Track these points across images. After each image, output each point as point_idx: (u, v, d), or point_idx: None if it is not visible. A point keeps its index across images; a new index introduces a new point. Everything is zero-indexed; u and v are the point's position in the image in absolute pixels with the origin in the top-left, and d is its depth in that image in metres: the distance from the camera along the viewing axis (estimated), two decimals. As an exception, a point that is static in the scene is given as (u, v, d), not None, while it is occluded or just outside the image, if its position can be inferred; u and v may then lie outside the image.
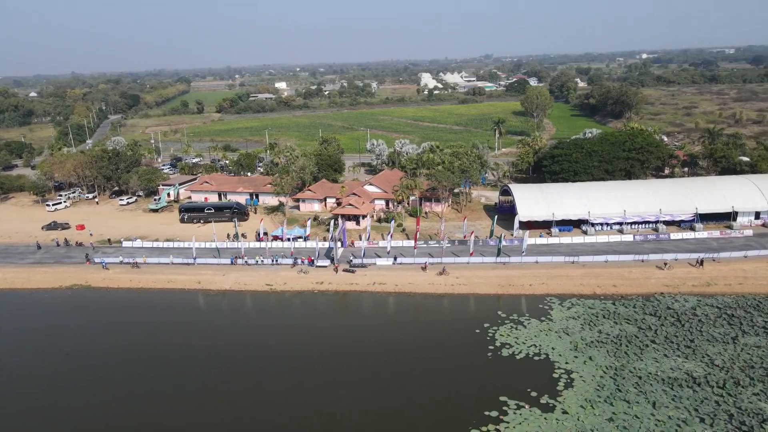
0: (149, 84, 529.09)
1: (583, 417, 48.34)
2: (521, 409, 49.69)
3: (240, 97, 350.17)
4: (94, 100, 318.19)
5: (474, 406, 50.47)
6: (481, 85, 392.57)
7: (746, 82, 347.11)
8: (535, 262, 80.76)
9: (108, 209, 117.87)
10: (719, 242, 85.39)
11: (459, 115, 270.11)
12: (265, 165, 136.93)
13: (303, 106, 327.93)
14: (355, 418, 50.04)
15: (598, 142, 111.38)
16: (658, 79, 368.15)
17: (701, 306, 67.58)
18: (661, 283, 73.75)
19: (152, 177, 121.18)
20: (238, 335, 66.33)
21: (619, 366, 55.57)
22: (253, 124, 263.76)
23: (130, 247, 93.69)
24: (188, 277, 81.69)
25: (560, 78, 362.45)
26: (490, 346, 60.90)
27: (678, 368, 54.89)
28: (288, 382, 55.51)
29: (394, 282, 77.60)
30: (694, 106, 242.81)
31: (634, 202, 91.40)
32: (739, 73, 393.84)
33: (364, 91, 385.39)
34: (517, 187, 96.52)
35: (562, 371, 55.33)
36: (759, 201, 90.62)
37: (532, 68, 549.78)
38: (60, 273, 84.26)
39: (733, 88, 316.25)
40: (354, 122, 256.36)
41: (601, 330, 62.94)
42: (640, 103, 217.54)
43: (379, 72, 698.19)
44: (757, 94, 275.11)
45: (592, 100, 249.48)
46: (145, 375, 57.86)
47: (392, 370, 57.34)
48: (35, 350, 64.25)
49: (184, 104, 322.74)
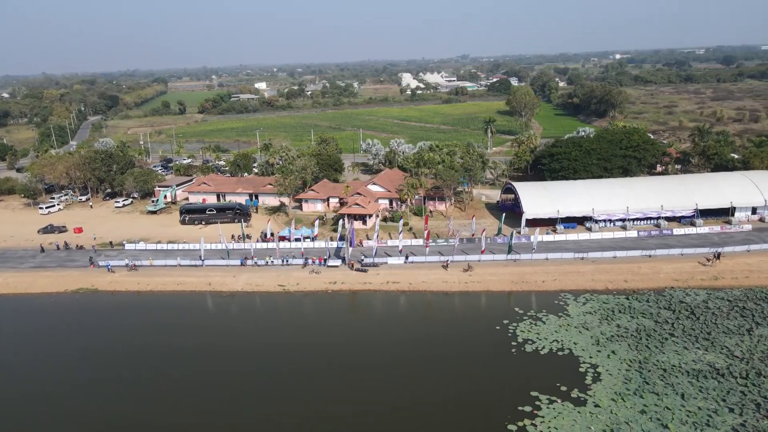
0: (125, 84, 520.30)
1: (615, 410, 49.11)
2: (554, 404, 50.29)
3: (222, 97, 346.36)
4: (72, 101, 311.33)
5: (507, 401, 50.93)
6: (463, 84, 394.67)
7: (720, 81, 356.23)
8: (545, 259, 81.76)
9: (104, 212, 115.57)
10: (721, 237, 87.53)
11: (445, 114, 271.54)
12: (260, 165, 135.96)
13: (286, 106, 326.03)
14: (392, 416, 50.05)
15: (595, 140, 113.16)
16: (636, 78, 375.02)
17: (712, 299, 69.19)
18: (671, 277, 75.31)
19: (148, 178, 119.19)
20: (256, 336, 65.82)
21: (642, 359, 56.60)
22: (238, 125, 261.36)
23: (133, 249, 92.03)
24: (198, 279, 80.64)
25: (541, 78, 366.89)
26: (513, 342, 61.49)
27: (700, 360, 56.14)
28: (315, 383, 55.26)
29: (408, 281, 77.75)
30: (674, 105, 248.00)
31: (636, 198, 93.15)
32: (713, 72, 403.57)
33: (346, 91, 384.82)
34: (522, 186, 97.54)
35: (588, 365, 56.13)
36: (756, 197, 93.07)
37: (510, 68, 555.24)
38: (64, 277, 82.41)
39: (709, 87, 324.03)
40: (341, 122, 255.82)
41: (620, 324, 63.99)
42: (623, 103, 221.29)
43: (358, 72, 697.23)
44: (732, 93, 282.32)
45: (576, 99, 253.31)
46: (167, 376, 57.14)
47: (420, 367, 57.45)
48: (49, 354, 62.75)
49: (166, 105, 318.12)
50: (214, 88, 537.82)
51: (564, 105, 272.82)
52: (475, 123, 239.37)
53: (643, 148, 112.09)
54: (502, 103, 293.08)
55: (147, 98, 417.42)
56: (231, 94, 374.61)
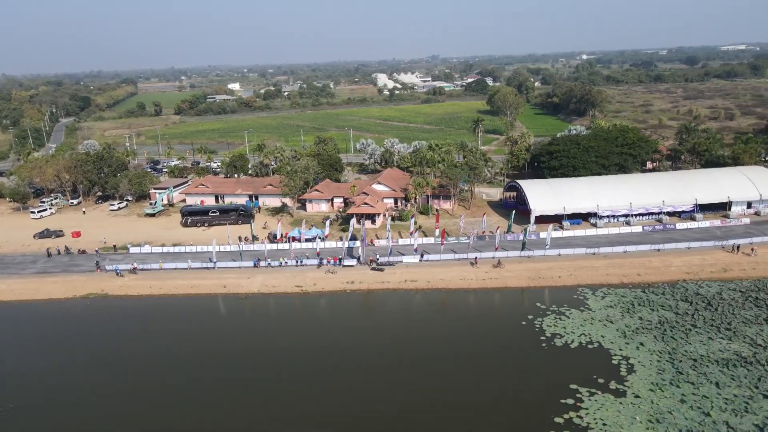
0: (93, 86, 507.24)
1: (656, 400, 50.23)
2: (595, 396, 51.17)
3: (197, 98, 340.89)
4: (43, 103, 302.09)
5: (548, 395, 51.60)
6: (440, 85, 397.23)
7: (688, 81, 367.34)
8: (558, 255, 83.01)
9: (99, 215, 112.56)
10: (722, 230, 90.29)
11: (427, 114, 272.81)
12: (255, 166, 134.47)
13: (265, 107, 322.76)
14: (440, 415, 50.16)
15: (592, 138, 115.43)
16: (608, 78, 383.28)
17: (725, 291, 71.34)
18: (682, 270, 77.37)
19: (143, 181, 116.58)
20: (281, 339, 64.80)
21: (670, 350, 58.01)
22: (218, 126, 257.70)
23: (138, 253, 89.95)
24: (211, 281, 79.31)
25: (517, 78, 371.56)
26: (542, 336, 62.28)
27: (725, 349, 57.85)
28: (353, 384, 55.05)
29: (426, 279, 78.00)
30: (649, 104, 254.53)
31: (638, 194, 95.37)
32: (680, 72, 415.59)
33: (324, 91, 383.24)
34: (527, 183, 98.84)
35: (620, 357, 57.28)
36: (751, 191, 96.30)
37: (483, 68, 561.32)
38: (71, 282, 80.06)
39: (678, 86, 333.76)
40: (323, 123, 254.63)
41: (642, 317, 65.44)
42: (603, 102, 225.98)
43: (331, 73, 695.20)
44: (702, 93, 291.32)
45: (555, 99, 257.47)
46: (198, 381, 56.02)
47: (457, 366, 57.71)
48: (74, 360, 60.96)
49: (141, 106, 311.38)
50: (186, 89, 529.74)
51: (542, 104, 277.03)
52: (458, 122, 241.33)
53: (638, 146, 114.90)
54: (482, 103, 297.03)
55: (119, 99, 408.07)
56: (206, 95, 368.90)
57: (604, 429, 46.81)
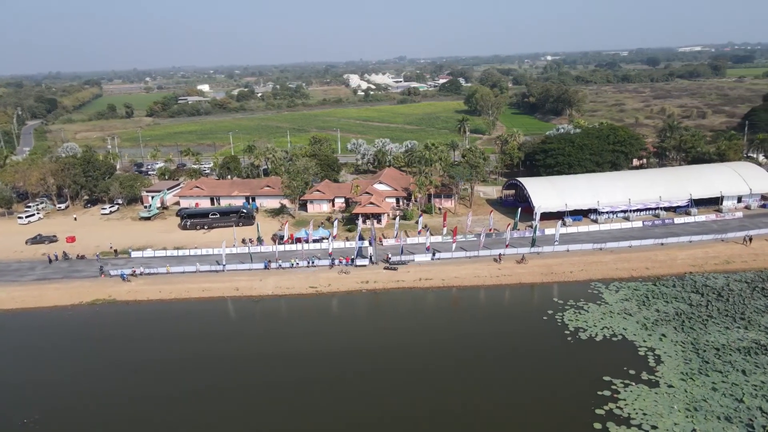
0: (55, 87, 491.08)
1: (689, 389, 51.62)
2: (629, 387, 52.28)
3: (168, 99, 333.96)
4: (7, 105, 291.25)
5: (585, 388, 52.47)
6: (414, 85, 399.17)
7: (653, 81, 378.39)
8: (566, 251, 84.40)
9: (90, 219, 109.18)
10: (718, 224, 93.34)
11: (405, 114, 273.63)
12: (246, 168, 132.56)
13: (239, 108, 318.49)
14: (482, 414, 50.45)
15: (585, 136, 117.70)
16: (577, 79, 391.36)
17: (732, 282, 73.78)
18: (687, 263, 79.66)
19: (135, 184, 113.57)
20: (302, 341, 63.75)
21: (692, 340, 59.69)
22: (195, 128, 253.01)
23: (140, 257, 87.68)
24: (223, 284, 77.90)
25: (489, 78, 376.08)
26: (565, 331, 63.27)
27: (744, 338, 59.87)
28: (384, 386, 54.79)
29: (440, 277, 78.30)
30: (622, 104, 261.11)
31: (636, 190, 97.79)
32: (645, 73, 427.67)
33: (297, 92, 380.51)
34: (529, 181, 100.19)
35: (645, 349, 58.65)
36: (741, 186, 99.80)
37: (453, 69, 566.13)
38: (75, 288, 77.51)
39: (646, 86, 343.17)
40: (302, 123, 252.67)
41: (658, 309, 67.13)
42: (580, 101, 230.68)
43: (300, 74, 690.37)
44: (670, 92, 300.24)
45: (532, 98, 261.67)
46: (223, 386, 54.89)
47: (489, 363, 58.01)
48: (85, 368, 59.12)
49: (112, 108, 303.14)
50: (154, 90, 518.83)
51: (518, 104, 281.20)
52: (437, 122, 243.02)
53: (628, 143, 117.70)
54: (458, 103, 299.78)
55: (84, 101, 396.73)
56: (178, 96, 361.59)
57: (644, 419, 47.87)
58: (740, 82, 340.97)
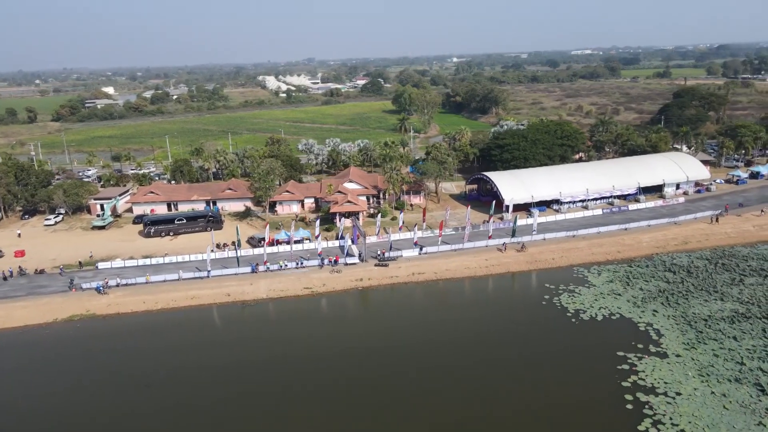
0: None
1: (694, 357, 56.37)
2: (643, 359, 56.21)
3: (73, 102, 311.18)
4: None
5: (603, 363, 55.73)
6: (336, 86, 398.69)
7: (560, 81, 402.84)
8: (543, 239, 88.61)
9: (33, 231, 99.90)
10: (666, 209, 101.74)
11: (333, 115, 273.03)
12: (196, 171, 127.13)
13: (156, 111, 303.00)
14: (522, 397, 52.19)
15: (537, 131, 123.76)
16: (491, 79, 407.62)
17: (694, 260, 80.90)
18: (651, 245, 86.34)
19: (80, 191, 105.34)
20: (315, 343, 62.36)
21: (681, 314, 65.05)
22: (114, 132, 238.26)
23: (109, 268, 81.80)
24: (212, 290, 74.58)
25: (410, 79, 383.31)
26: (567, 313, 66.72)
27: (723, 309, 66.05)
28: (415, 387, 54.96)
29: (432, 270, 79.60)
30: (540, 102, 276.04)
31: (593, 181, 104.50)
32: (551, 74, 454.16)
33: (216, 95, 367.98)
34: (496, 175, 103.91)
35: (644, 324, 63.22)
36: (679, 174, 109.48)
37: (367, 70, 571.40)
38: (45, 305, 71.07)
39: (555, 87, 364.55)
40: (229, 126, 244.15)
41: (642, 288, 72.39)
42: (506, 100, 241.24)
43: (210, 76, 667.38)
44: (578, 92, 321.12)
45: (458, 98, 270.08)
46: (234, 395, 52.87)
47: (506, 351, 59.82)
48: (106, 384, 54.67)
49: (11, 112, 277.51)
50: (50, 93, 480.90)
51: (444, 103, 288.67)
52: (369, 122, 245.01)
53: (573, 137, 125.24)
54: (385, 103, 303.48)
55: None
56: (84, 99, 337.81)
57: (667, 387, 51.71)
58: (635, 82, 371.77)
